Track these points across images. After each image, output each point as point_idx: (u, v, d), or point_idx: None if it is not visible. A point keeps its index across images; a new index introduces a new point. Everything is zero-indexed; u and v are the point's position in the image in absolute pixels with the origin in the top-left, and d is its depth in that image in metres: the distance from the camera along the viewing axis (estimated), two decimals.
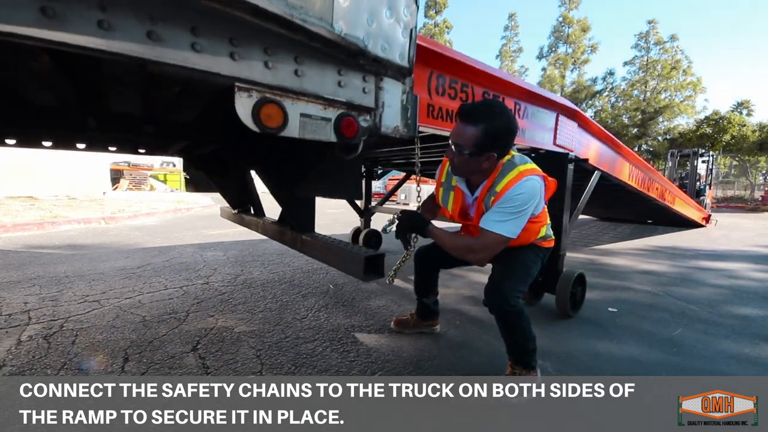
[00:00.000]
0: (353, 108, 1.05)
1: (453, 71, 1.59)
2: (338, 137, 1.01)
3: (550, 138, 2.26)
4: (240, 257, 3.85)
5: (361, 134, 1.06)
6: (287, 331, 2.04)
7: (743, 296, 2.93)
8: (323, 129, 0.99)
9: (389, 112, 1.12)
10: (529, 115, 2.08)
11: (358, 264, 1.24)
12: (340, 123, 1.01)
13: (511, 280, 1.44)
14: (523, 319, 1.41)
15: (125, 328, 2.02)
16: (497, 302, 1.39)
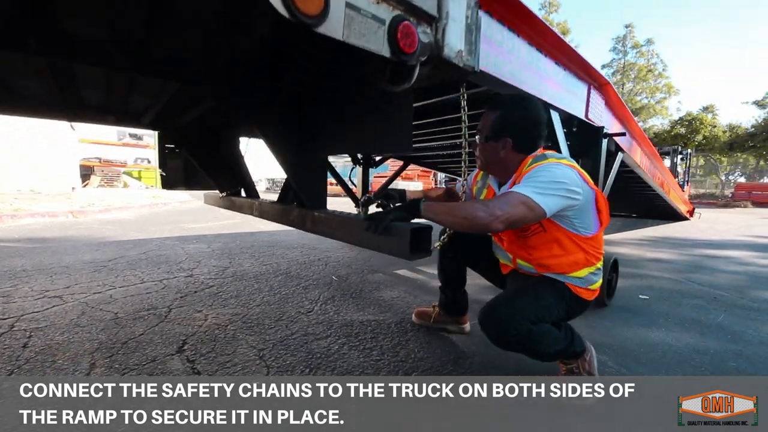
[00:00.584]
0: (412, 11, 0.77)
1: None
2: (392, 50, 0.73)
3: (583, 110, 2.04)
4: (226, 249, 3.48)
5: (419, 52, 0.78)
6: (292, 326, 1.73)
7: (764, 282, 2.82)
8: (374, 34, 0.71)
9: (453, 28, 0.84)
10: (560, 79, 1.84)
11: (401, 240, 0.95)
12: (395, 29, 0.73)
13: (513, 303, 1.11)
14: (534, 336, 1.06)
15: (92, 327, 1.65)
16: (494, 331, 1.07)
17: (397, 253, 0.98)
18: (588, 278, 1.19)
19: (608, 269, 2.08)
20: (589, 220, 1.16)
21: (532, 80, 1.49)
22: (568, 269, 1.17)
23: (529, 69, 1.48)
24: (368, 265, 2.99)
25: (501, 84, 1.34)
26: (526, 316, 1.06)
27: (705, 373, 1.41)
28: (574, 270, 1.17)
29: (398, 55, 0.74)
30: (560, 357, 1.18)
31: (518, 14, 1.33)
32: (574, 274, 1.17)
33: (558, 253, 1.16)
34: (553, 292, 1.16)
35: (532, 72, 1.51)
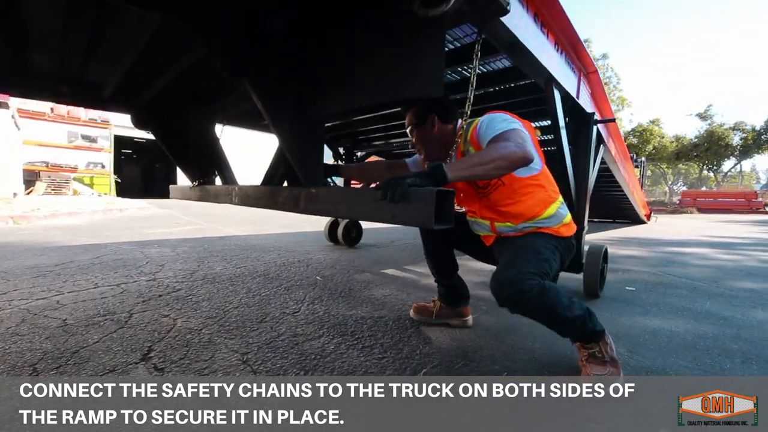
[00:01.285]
0: None
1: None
2: None
3: (575, 91, 2.03)
4: (193, 253, 3.18)
5: None
6: (278, 327, 1.54)
7: (731, 273, 2.96)
8: None
9: None
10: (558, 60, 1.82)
11: (424, 207, 0.82)
12: None
13: (516, 264, 1.11)
14: (549, 294, 1.06)
15: (35, 335, 1.38)
16: (509, 295, 1.05)
17: (418, 222, 0.84)
18: (558, 214, 1.27)
19: (600, 259, 2.07)
20: (535, 158, 1.18)
21: (540, 50, 1.43)
22: (538, 210, 1.24)
23: (536, 39, 1.42)
24: (353, 266, 2.83)
25: (519, 47, 1.26)
26: (533, 271, 1.08)
27: (714, 354, 1.38)
28: (544, 209, 1.25)
29: None
30: (581, 328, 1.12)
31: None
32: (546, 214, 1.25)
33: (523, 198, 1.24)
34: (543, 242, 1.21)
35: (539, 43, 1.45)
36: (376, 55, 0.92)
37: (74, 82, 1.78)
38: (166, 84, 1.70)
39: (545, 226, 1.25)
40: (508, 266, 1.12)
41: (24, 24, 1.31)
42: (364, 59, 0.95)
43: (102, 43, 1.46)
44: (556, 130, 1.87)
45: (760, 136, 20.05)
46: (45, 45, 1.48)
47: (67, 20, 1.27)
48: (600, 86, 2.31)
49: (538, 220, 1.24)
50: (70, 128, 13.24)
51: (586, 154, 2.10)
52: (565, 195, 2.14)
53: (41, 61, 1.64)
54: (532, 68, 1.54)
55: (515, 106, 2.42)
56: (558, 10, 1.49)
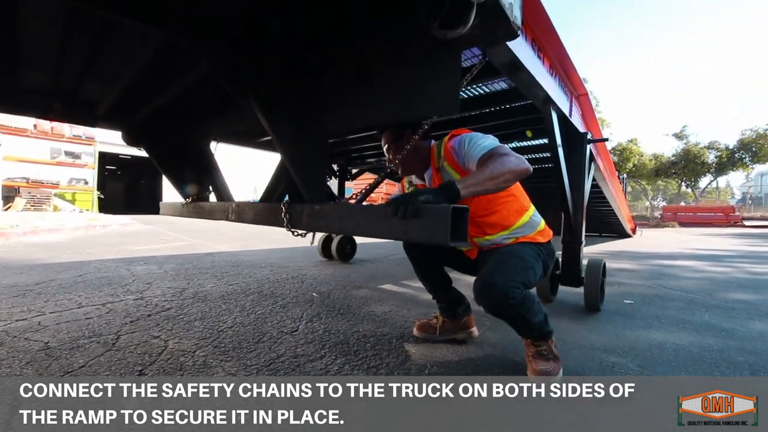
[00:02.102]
0: None
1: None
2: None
3: (568, 112, 2.09)
4: (182, 271, 3.07)
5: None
6: (278, 348, 1.47)
7: (723, 285, 3.01)
8: None
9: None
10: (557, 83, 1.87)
11: (439, 223, 0.79)
12: None
13: (505, 272, 1.17)
14: (526, 303, 1.16)
15: (14, 359, 1.28)
16: (493, 301, 1.13)
17: (433, 239, 0.82)
18: (532, 221, 1.35)
19: (600, 273, 2.07)
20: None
21: (538, 73, 1.46)
22: (513, 219, 1.31)
23: (533, 63, 1.45)
24: (350, 281, 2.77)
25: (519, 69, 1.29)
26: (520, 281, 1.15)
27: (722, 367, 1.37)
28: (518, 218, 1.32)
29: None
30: (538, 331, 1.22)
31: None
32: (520, 222, 1.32)
33: (498, 208, 1.30)
34: (526, 250, 1.27)
35: (536, 66, 1.48)
36: (390, 75, 0.91)
37: (67, 99, 1.72)
38: (163, 103, 1.67)
39: (522, 236, 1.31)
40: (496, 272, 1.17)
41: (19, 41, 1.27)
42: (376, 78, 0.94)
43: (101, 62, 1.42)
44: (553, 149, 1.90)
45: (733, 154, 21.02)
46: (39, 61, 1.43)
47: (65, 37, 1.23)
48: (590, 107, 2.38)
49: (514, 230, 1.31)
50: (54, 144, 12.93)
51: (580, 171, 2.14)
52: (562, 210, 2.18)
53: (33, 78, 1.59)
54: (531, 90, 1.57)
55: (513, 126, 2.47)
56: (553, 37, 1.54)
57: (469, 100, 2.15)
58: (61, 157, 13.26)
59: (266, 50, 1.06)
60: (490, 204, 1.30)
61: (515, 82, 1.50)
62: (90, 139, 13.79)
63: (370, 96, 0.98)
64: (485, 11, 0.73)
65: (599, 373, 1.29)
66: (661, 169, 22.61)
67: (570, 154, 2.17)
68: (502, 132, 2.59)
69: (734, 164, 21.01)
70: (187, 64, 1.31)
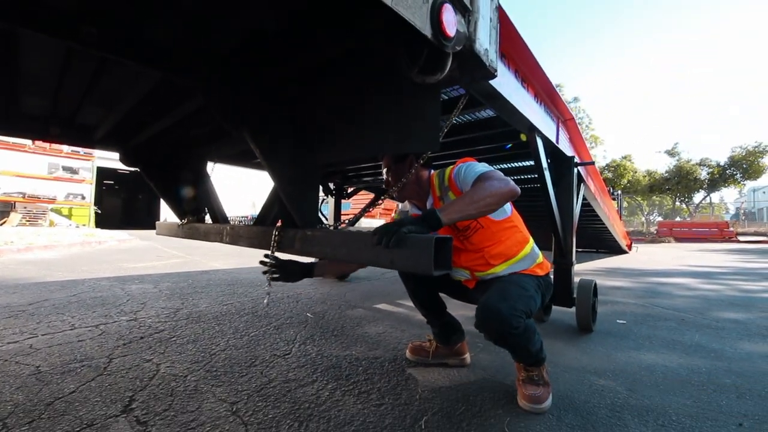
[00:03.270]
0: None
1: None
2: (434, 31, 0.68)
3: (554, 137, 2.16)
4: (177, 290, 3.07)
5: (455, 40, 0.73)
6: (269, 372, 1.47)
7: (715, 304, 3.03)
8: (419, 9, 0.66)
9: (482, 25, 0.82)
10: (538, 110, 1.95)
11: (423, 253, 0.83)
12: (438, 10, 0.68)
13: (508, 300, 1.17)
14: (528, 332, 1.18)
15: (5, 384, 1.28)
16: (496, 329, 1.13)
17: (417, 268, 0.85)
18: (533, 253, 1.38)
19: (591, 294, 2.10)
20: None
21: (522, 103, 1.53)
22: (516, 249, 1.34)
23: (517, 93, 1.52)
24: (345, 300, 2.77)
25: (503, 101, 1.35)
26: (522, 310, 1.15)
27: (709, 390, 1.38)
28: (521, 248, 1.35)
29: (439, 37, 0.68)
30: (534, 358, 1.25)
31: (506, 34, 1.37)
32: (522, 254, 1.34)
33: (502, 239, 1.33)
34: (527, 281, 1.28)
35: (520, 96, 1.55)
36: (375, 113, 0.97)
37: (65, 123, 1.77)
38: (161, 130, 1.72)
39: (521, 269, 1.33)
40: (499, 300, 1.16)
41: (20, 72, 1.31)
42: (363, 116, 1.00)
43: (99, 91, 1.47)
44: (540, 173, 1.96)
45: (724, 171, 21.36)
46: (39, 90, 1.48)
47: (64, 70, 1.28)
48: (577, 131, 2.46)
49: (517, 261, 1.33)
50: (52, 159, 12.98)
51: (569, 194, 2.20)
52: (552, 231, 2.23)
53: (32, 103, 1.63)
54: (516, 119, 1.64)
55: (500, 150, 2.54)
56: (535, 66, 1.62)
57: (461, 125, 2.22)
58: (58, 172, 13.29)
59: (258, 87, 1.11)
60: (495, 235, 1.33)
61: (499, 112, 1.57)
62: (88, 154, 13.85)
63: (357, 132, 1.03)
64: (462, 58, 0.79)
65: (588, 399, 1.30)
66: (655, 185, 22.91)
67: (558, 178, 2.23)
68: (492, 155, 2.66)
69: (726, 180, 21.32)
70: (184, 96, 1.36)
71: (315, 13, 0.84)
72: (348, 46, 0.94)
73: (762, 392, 1.38)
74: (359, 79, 0.98)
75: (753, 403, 1.29)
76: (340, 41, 0.93)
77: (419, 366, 1.56)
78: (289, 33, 0.94)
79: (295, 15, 0.87)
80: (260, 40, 1.00)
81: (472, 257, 1.36)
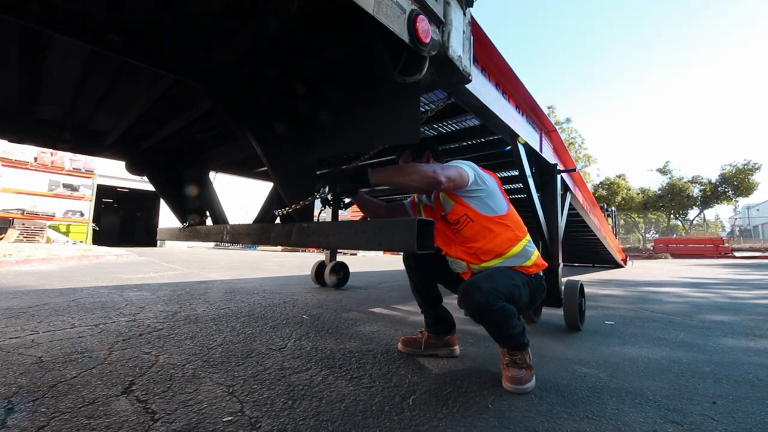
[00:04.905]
0: (425, 9, 0.87)
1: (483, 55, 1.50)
2: (411, 37, 0.80)
3: (538, 146, 2.29)
4: (174, 296, 3.11)
5: (431, 46, 0.85)
6: (264, 362, 1.52)
7: (704, 308, 3.09)
8: (397, 18, 0.78)
9: (455, 36, 0.95)
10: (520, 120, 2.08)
11: (408, 233, 0.93)
12: (414, 20, 0.81)
13: (490, 281, 1.26)
14: (506, 313, 1.25)
15: (9, 371, 1.32)
16: (475, 304, 1.22)
17: (402, 246, 0.94)
18: (525, 251, 1.42)
19: (577, 293, 2.17)
20: (500, 202, 1.44)
21: (503, 112, 1.66)
22: (506, 246, 1.39)
23: (498, 103, 1.65)
24: (340, 305, 2.82)
25: (484, 109, 1.48)
26: (503, 292, 1.24)
27: (687, 376, 1.44)
28: (511, 246, 1.40)
29: (415, 42, 0.80)
30: (515, 341, 1.31)
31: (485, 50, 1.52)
32: (514, 251, 1.39)
33: (492, 236, 1.40)
34: (516, 274, 1.36)
35: (501, 106, 1.68)
36: (365, 109, 1.09)
37: (78, 129, 1.88)
38: (167, 135, 1.83)
39: (513, 265, 1.40)
40: (483, 279, 1.27)
41: (42, 81, 1.43)
42: (354, 114, 1.13)
43: (113, 97, 1.59)
44: (524, 179, 2.08)
45: (716, 188, 21.76)
46: (57, 98, 1.60)
47: (83, 77, 1.40)
48: (560, 142, 2.59)
49: (507, 258, 1.39)
50: (52, 177, 13.11)
51: (553, 199, 2.31)
52: (538, 236, 2.32)
53: (48, 111, 1.75)
54: (497, 126, 1.77)
55: (487, 158, 2.67)
56: (515, 80, 1.75)
57: (449, 134, 2.35)
58: (59, 189, 13.38)
59: (261, 90, 1.24)
60: (484, 229, 1.40)
61: (482, 119, 1.69)
62: (90, 172, 14.01)
63: (348, 128, 1.15)
64: (438, 62, 0.91)
65: (570, 383, 1.35)
66: (649, 202, 23.21)
67: (542, 184, 2.35)
68: (490, 162, 2.78)
69: (719, 197, 21.65)
70: (192, 101, 1.48)
71: (312, 25, 0.97)
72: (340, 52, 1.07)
73: (739, 378, 1.44)
74: (350, 80, 1.11)
75: (729, 387, 1.35)
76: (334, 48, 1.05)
77: (411, 357, 1.61)
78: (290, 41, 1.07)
79: (294, 26, 0.99)
80: (263, 50, 1.13)
81: (466, 250, 1.45)
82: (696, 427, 1.04)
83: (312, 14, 0.94)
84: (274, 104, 1.27)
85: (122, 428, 0.96)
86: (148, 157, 2.21)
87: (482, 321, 1.26)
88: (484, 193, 1.40)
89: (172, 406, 1.10)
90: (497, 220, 1.41)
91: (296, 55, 1.13)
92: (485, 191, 1.41)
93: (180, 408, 1.10)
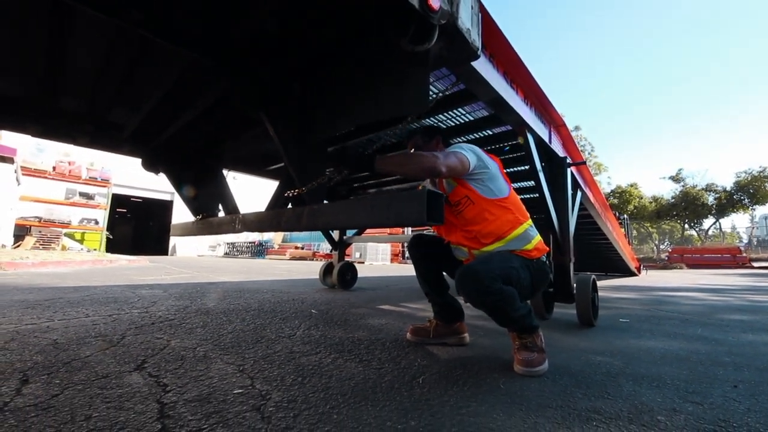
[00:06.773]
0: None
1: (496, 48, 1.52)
2: (420, 3, 0.82)
3: (547, 138, 2.28)
4: (185, 293, 3.14)
5: (440, 14, 0.88)
6: (274, 346, 1.52)
7: (721, 310, 3.00)
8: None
9: (464, 7, 0.97)
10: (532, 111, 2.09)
11: (417, 205, 0.94)
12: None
13: (487, 264, 1.25)
14: (504, 296, 1.22)
15: (24, 350, 1.35)
16: (472, 287, 1.21)
17: (412, 218, 0.96)
18: (527, 234, 1.41)
19: (590, 288, 2.13)
20: (501, 184, 1.45)
21: (513, 101, 1.67)
22: (507, 229, 1.38)
23: (506, 91, 1.66)
24: (349, 303, 2.82)
25: (493, 93, 1.49)
26: (499, 275, 1.23)
27: (706, 364, 1.40)
28: (512, 229, 1.39)
29: (425, 8, 0.82)
30: (521, 324, 1.29)
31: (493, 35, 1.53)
32: (514, 234, 1.38)
33: (492, 218, 1.39)
34: (515, 257, 1.35)
35: (509, 94, 1.69)
36: (375, 83, 1.12)
37: (98, 121, 1.96)
38: (180, 127, 1.89)
39: (514, 249, 1.38)
40: (480, 262, 1.27)
41: (65, 70, 1.50)
42: (363, 87, 1.15)
43: (131, 84, 1.66)
44: (533, 171, 2.07)
45: (731, 196, 21.27)
46: (78, 87, 1.67)
47: (104, 61, 1.47)
48: (570, 138, 2.58)
49: (508, 241, 1.38)
50: (69, 185, 13.47)
51: (564, 193, 2.29)
52: (549, 230, 2.30)
53: (69, 102, 1.82)
54: (505, 113, 1.76)
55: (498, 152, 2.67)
56: (523, 71, 1.75)
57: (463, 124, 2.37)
58: (75, 197, 13.73)
59: (274, 68, 1.28)
60: (484, 212, 1.39)
61: (490, 105, 1.70)
62: (105, 181, 14.38)
63: (358, 100, 1.17)
64: (447, 34, 0.93)
65: (584, 369, 1.32)
66: (662, 210, 22.78)
67: (552, 177, 2.34)
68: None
69: (734, 205, 21.14)
70: (205, 87, 1.53)
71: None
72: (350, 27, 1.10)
73: (761, 366, 1.39)
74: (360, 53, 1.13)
75: (750, 373, 1.31)
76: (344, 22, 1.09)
77: (420, 345, 1.60)
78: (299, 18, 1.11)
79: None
80: (280, 23, 1.17)
81: (467, 235, 1.44)
82: (717, 406, 1.00)
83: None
84: (286, 82, 1.31)
85: (134, 397, 0.97)
86: (163, 154, 2.27)
87: (482, 305, 1.23)
88: (486, 175, 1.41)
89: (183, 381, 1.11)
90: (498, 202, 1.41)
91: (312, 26, 1.17)
92: (487, 174, 1.41)
93: (191, 382, 1.10)
